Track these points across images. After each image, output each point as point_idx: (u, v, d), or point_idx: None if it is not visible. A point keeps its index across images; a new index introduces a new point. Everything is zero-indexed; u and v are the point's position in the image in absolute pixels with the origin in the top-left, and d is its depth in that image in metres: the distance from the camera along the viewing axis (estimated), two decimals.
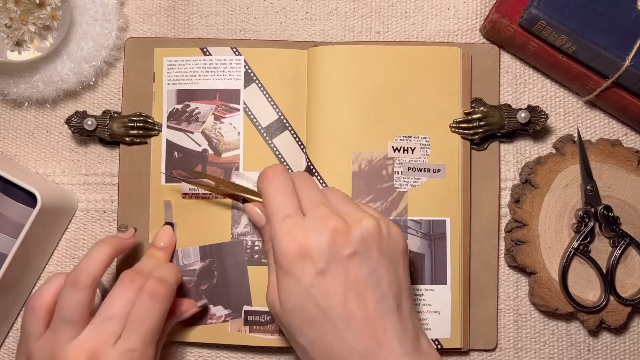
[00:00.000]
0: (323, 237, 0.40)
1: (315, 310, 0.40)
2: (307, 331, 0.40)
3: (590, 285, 0.52)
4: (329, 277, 0.40)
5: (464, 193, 0.52)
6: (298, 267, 0.40)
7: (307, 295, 0.40)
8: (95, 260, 0.44)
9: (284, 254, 0.40)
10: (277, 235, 0.41)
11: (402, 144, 0.52)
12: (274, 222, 0.42)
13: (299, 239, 0.40)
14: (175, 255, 0.52)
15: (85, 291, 0.42)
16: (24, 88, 0.53)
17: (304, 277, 0.40)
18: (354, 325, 0.39)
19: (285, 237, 0.41)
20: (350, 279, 0.40)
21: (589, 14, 0.49)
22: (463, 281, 0.52)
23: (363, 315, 0.40)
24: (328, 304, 0.40)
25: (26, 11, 0.50)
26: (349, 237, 0.40)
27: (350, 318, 0.40)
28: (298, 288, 0.40)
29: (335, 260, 0.40)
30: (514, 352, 0.54)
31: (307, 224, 0.41)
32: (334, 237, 0.40)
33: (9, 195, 0.51)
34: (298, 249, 0.40)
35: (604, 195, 0.52)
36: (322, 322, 0.40)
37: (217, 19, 0.56)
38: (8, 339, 0.54)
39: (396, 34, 0.56)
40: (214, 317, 0.52)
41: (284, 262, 0.40)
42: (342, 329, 0.39)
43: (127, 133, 0.53)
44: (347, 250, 0.40)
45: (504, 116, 0.53)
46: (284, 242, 0.41)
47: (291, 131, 0.53)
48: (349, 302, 0.40)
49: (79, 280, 0.43)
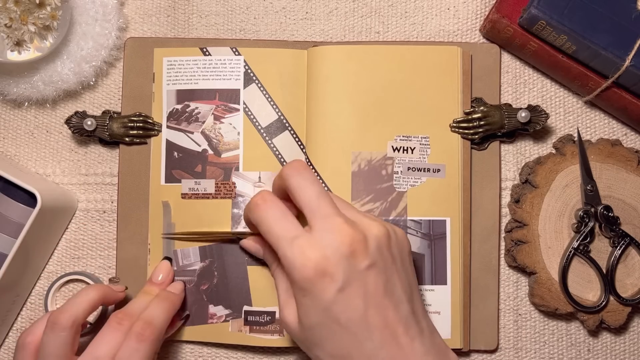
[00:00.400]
0: (340, 251, 0.39)
1: (336, 325, 0.40)
2: (326, 345, 0.40)
3: (590, 285, 0.52)
4: (348, 291, 0.39)
5: (464, 193, 0.52)
6: (317, 287, 0.39)
7: (328, 313, 0.40)
8: (79, 304, 0.44)
9: (301, 276, 0.39)
10: (290, 258, 0.40)
11: (401, 143, 0.52)
12: (283, 247, 0.41)
13: (315, 258, 0.39)
14: (175, 255, 0.52)
15: (64, 332, 0.43)
16: (24, 88, 0.53)
17: (324, 295, 0.39)
18: (375, 335, 0.40)
19: (299, 259, 0.39)
20: (370, 291, 0.40)
21: (589, 14, 0.49)
22: (463, 281, 0.52)
23: (383, 324, 0.40)
24: (348, 317, 0.39)
25: (26, 11, 0.50)
26: (367, 249, 0.40)
27: (371, 329, 0.40)
28: (319, 306, 0.40)
29: (354, 274, 0.40)
30: (514, 352, 0.54)
31: (320, 239, 0.40)
32: (353, 251, 0.40)
33: (9, 195, 0.51)
34: (315, 268, 0.39)
35: (604, 195, 0.52)
36: (343, 335, 0.40)
37: (217, 19, 0.56)
38: (8, 339, 0.54)
39: (396, 34, 0.56)
40: (215, 317, 0.52)
41: (302, 283, 0.40)
42: (363, 340, 0.40)
43: (127, 133, 0.53)
44: (365, 263, 0.40)
45: (504, 116, 0.53)
46: (298, 264, 0.39)
47: (291, 131, 0.53)
48: (369, 313, 0.40)
49: (58, 322, 0.43)
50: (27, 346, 0.44)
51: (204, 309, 0.52)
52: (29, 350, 0.44)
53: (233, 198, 0.52)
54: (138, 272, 0.53)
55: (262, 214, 0.42)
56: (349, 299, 0.39)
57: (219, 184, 0.52)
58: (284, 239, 0.41)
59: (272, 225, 0.42)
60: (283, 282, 0.44)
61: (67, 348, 0.43)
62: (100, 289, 0.46)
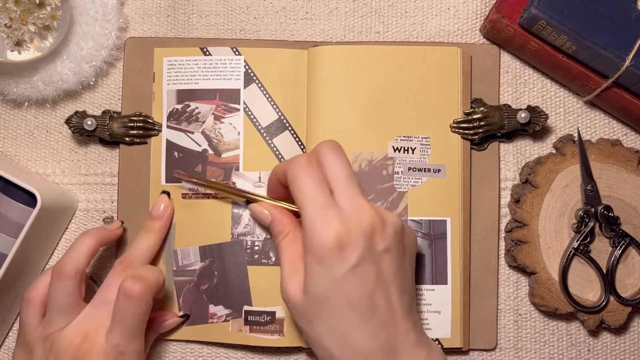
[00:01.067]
0: (362, 229, 0.41)
1: (343, 300, 0.41)
2: (328, 319, 0.41)
3: (590, 285, 0.52)
4: (362, 269, 0.41)
5: (464, 193, 0.52)
6: (334, 257, 0.40)
7: (338, 286, 0.40)
8: (78, 252, 0.47)
9: (321, 243, 0.40)
10: (316, 223, 0.41)
11: (402, 144, 0.52)
12: (312, 211, 0.41)
13: (339, 230, 0.40)
14: (175, 255, 0.52)
15: (70, 281, 0.45)
16: (23, 88, 0.53)
17: (338, 268, 0.40)
18: (378, 316, 0.41)
19: (325, 226, 0.41)
20: (382, 274, 0.41)
21: (589, 14, 0.49)
22: (463, 281, 0.52)
23: (387, 307, 0.41)
24: (357, 295, 0.41)
25: (26, 11, 0.50)
26: (384, 233, 0.42)
27: (375, 309, 0.41)
28: (330, 278, 0.40)
29: (370, 254, 0.41)
30: (514, 352, 0.54)
31: (346, 215, 0.41)
32: (373, 231, 0.41)
33: (9, 195, 0.51)
34: (337, 239, 0.40)
35: (604, 195, 0.52)
36: (347, 312, 0.41)
37: (217, 19, 0.56)
38: (8, 339, 0.54)
39: (396, 34, 0.56)
40: (215, 316, 0.52)
41: (320, 251, 0.41)
42: (366, 320, 0.41)
43: (127, 133, 0.53)
44: (381, 246, 0.41)
45: (504, 116, 0.53)
46: (322, 231, 0.40)
47: (291, 131, 0.53)
48: (376, 295, 0.41)
49: (63, 272, 0.45)
50: (33, 300, 0.46)
51: (204, 308, 0.52)
52: (34, 304, 0.46)
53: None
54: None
55: (303, 173, 0.43)
56: (361, 276, 0.41)
57: None
58: (316, 204, 0.42)
59: (309, 187, 0.42)
60: (289, 254, 0.44)
61: (75, 295, 0.46)
62: (95, 233, 0.48)
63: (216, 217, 0.52)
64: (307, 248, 0.42)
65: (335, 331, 0.41)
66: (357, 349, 0.41)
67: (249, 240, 0.52)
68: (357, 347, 0.41)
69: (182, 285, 0.52)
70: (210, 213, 0.52)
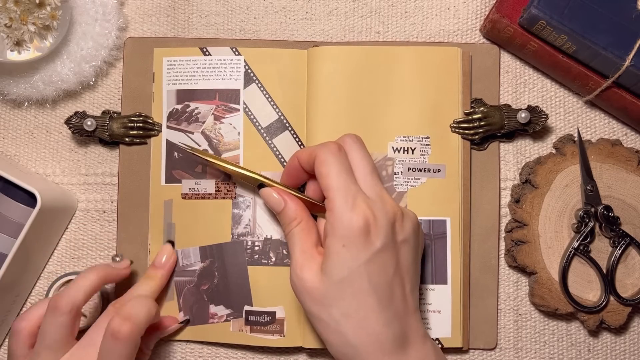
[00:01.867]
0: (387, 217, 0.42)
1: (365, 284, 0.41)
2: (348, 303, 0.42)
3: (591, 285, 0.52)
4: (384, 257, 0.42)
5: (464, 193, 0.52)
6: (360, 242, 0.41)
7: (361, 270, 0.41)
8: (79, 288, 0.45)
9: (349, 226, 0.41)
10: (345, 206, 0.42)
11: (402, 144, 0.52)
12: (342, 193, 0.42)
13: (368, 215, 0.42)
14: (175, 255, 0.52)
15: (63, 317, 0.43)
16: (23, 88, 0.53)
17: (363, 252, 0.41)
18: (394, 305, 0.42)
19: (355, 210, 0.42)
20: (400, 264, 0.43)
21: (589, 14, 0.49)
22: (463, 281, 0.52)
23: (402, 298, 0.43)
24: (378, 281, 0.42)
25: (26, 11, 0.50)
26: (403, 224, 0.44)
27: (393, 298, 0.42)
28: (354, 261, 0.41)
29: (391, 242, 0.43)
30: (514, 352, 0.54)
31: (373, 202, 0.43)
32: (394, 221, 0.43)
33: (9, 195, 0.51)
34: (365, 222, 0.41)
35: (604, 195, 0.52)
36: (367, 297, 0.42)
37: (217, 19, 0.56)
38: (8, 339, 0.54)
39: (396, 34, 0.56)
40: (216, 316, 0.52)
41: (346, 233, 0.41)
42: (384, 307, 0.42)
43: (127, 133, 0.53)
44: (400, 236, 0.43)
45: (504, 116, 0.53)
46: (351, 214, 0.42)
47: (291, 131, 0.53)
48: (394, 283, 0.42)
49: (58, 306, 0.44)
50: (21, 332, 0.45)
51: (204, 309, 0.52)
52: (23, 335, 0.45)
53: (233, 198, 0.52)
54: (138, 272, 0.53)
55: (334, 158, 0.44)
56: (383, 263, 0.42)
57: (219, 184, 0.52)
58: (346, 189, 0.43)
59: (341, 172, 0.43)
60: (302, 241, 0.44)
61: (67, 332, 0.44)
62: (101, 271, 0.47)
63: (216, 218, 0.52)
64: (331, 231, 0.42)
65: (354, 315, 0.41)
66: (373, 335, 0.41)
67: (249, 241, 0.52)
68: (374, 333, 0.41)
69: (182, 286, 0.52)
70: (210, 213, 0.52)
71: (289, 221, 0.46)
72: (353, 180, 0.44)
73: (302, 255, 0.44)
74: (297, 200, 0.46)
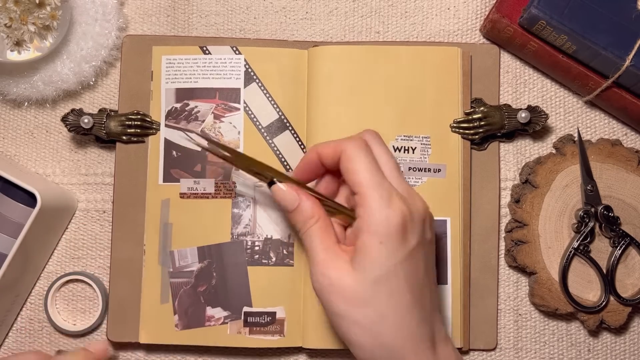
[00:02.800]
0: (420, 214, 0.41)
1: (401, 283, 0.40)
2: (385, 302, 0.40)
3: (591, 285, 0.52)
4: (417, 255, 0.41)
5: (464, 193, 0.52)
6: (398, 239, 0.40)
7: (399, 268, 0.40)
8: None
9: (387, 223, 0.40)
10: (382, 203, 0.40)
11: (403, 143, 0.52)
12: (377, 190, 0.41)
13: (404, 212, 0.40)
14: (172, 256, 0.52)
15: None
16: (23, 88, 0.53)
17: (400, 249, 0.40)
18: (425, 304, 0.41)
19: (392, 207, 0.40)
20: (428, 262, 0.42)
21: (589, 14, 0.49)
22: (463, 281, 0.52)
23: (430, 297, 0.42)
24: (414, 279, 0.40)
25: (26, 11, 0.50)
26: (430, 222, 0.43)
27: (424, 297, 0.41)
28: (392, 259, 0.40)
29: (423, 240, 0.41)
30: (514, 352, 0.54)
31: (406, 199, 0.41)
32: (425, 218, 0.42)
33: (9, 195, 0.51)
34: (403, 221, 0.40)
35: (604, 195, 0.52)
36: (404, 295, 0.40)
37: (217, 18, 0.56)
38: (8, 339, 0.54)
39: (396, 34, 0.56)
40: (212, 319, 0.52)
41: (384, 230, 0.40)
42: (418, 306, 0.40)
43: (125, 132, 0.53)
44: (429, 235, 0.42)
45: (504, 116, 0.53)
46: (389, 211, 0.40)
47: (291, 131, 0.53)
48: (425, 282, 0.41)
49: None
50: None
51: (200, 311, 0.52)
52: None
53: (233, 198, 0.52)
54: (132, 273, 0.52)
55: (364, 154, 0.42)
56: (416, 261, 0.41)
57: (218, 184, 0.52)
58: (381, 186, 0.41)
59: (373, 167, 0.42)
60: (323, 239, 0.42)
61: None
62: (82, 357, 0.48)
63: (216, 217, 0.52)
64: (366, 228, 0.40)
65: (391, 315, 0.40)
66: (409, 335, 0.40)
67: (249, 241, 0.52)
68: (410, 333, 0.40)
69: (178, 287, 0.52)
70: (210, 213, 0.52)
71: (305, 219, 0.43)
72: (384, 176, 0.42)
73: (325, 253, 0.41)
74: (312, 198, 0.43)
